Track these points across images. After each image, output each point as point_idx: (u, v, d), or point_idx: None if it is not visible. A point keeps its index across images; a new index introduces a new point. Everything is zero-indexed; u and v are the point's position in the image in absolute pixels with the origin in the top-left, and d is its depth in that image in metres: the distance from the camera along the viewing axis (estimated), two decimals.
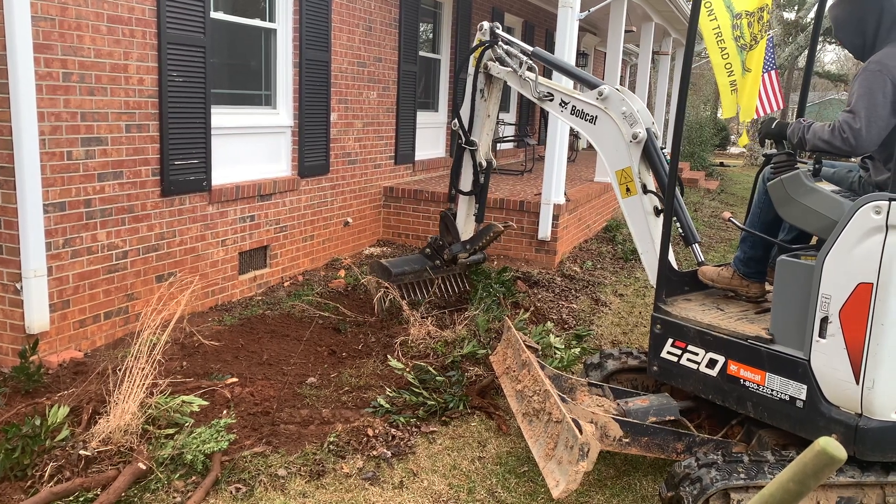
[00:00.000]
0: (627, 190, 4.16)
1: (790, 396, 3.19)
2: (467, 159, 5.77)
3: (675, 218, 4.03)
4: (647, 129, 4.10)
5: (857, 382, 2.95)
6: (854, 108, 3.20)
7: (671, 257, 4.03)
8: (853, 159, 3.62)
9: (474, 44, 5.43)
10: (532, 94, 4.85)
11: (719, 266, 3.98)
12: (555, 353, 4.92)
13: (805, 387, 3.13)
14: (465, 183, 5.83)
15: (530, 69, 4.95)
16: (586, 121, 4.39)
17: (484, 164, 5.72)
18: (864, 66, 3.28)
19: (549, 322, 5.60)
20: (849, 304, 2.95)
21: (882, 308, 2.87)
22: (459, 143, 5.70)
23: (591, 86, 4.40)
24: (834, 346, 3.02)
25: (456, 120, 5.63)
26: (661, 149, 4.12)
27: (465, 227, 5.96)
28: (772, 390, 3.26)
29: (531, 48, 5.10)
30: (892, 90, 3.14)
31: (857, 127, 3.16)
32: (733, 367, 3.41)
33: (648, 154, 4.09)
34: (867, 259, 2.89)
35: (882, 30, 3.33)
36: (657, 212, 4.12)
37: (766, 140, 3.67)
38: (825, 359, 3.05)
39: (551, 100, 4.69)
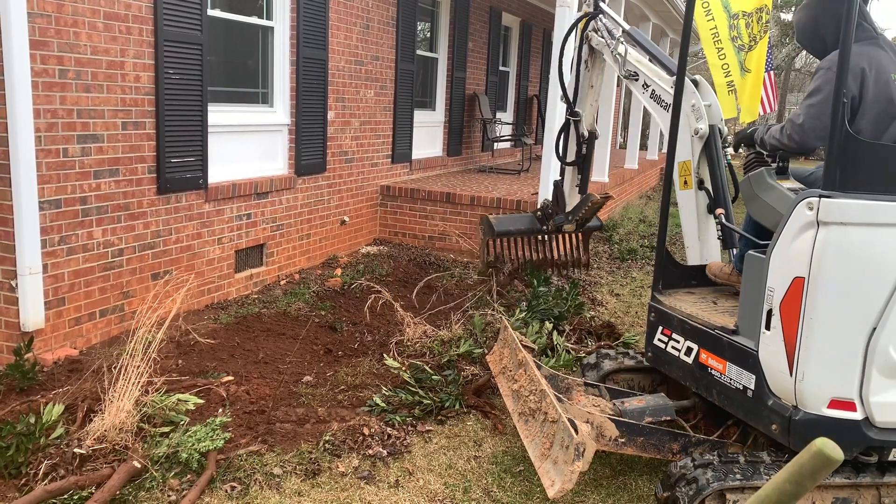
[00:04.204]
0: (685, 183, 4.18)
1: (743, 386, 3.26)
2: (571, 130, 5.80)
3: (717, 221, 4.04)
4: (712, 126, 4.07)
5: (791, 374, 3.00)
6: (801, 105, 3.32)
7: (717, 254, 4.08)
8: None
9: (580, 14, 5.49)
10: (620, 71, 4.83)
11: (724, 263, 4.04)
12: (551, 353, 4.92)
13: (754, 377, 3.20)
14: (570, 153, 5.86)
15: (622, 45, 4.94)
16: (661, 107, 4.39)
17: (586, 134, 5.73)
18: (818, 66, 3.37)
19: (547, 322, 5.59)
20: (787, 298, 3.01)
21: (812, 302, 2.91)
22: (566, 115, 5.77)
23: (672, 73, 4.38)
24: (775, 338, 3.07)
25: (560, 92, 5.72)
26: (725, 147, 4.11)
27: (570, 197, 6.02)
28: (730, 379, 3.33)
29: (628, 26, 5.11)
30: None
31: (798, 123, 3.27)
32: (703, 356, 3.51)
33: (709, 151, 4.08)
34: (801, 254, 2.94)
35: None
36: (709, 210, 4.10)
37: (741, 145, 3.78)
38: (769, 350, 3.11)
39: (636, 80, 4.67)
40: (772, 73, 9.17)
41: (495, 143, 11.30)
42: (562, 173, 6.05)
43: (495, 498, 3.45)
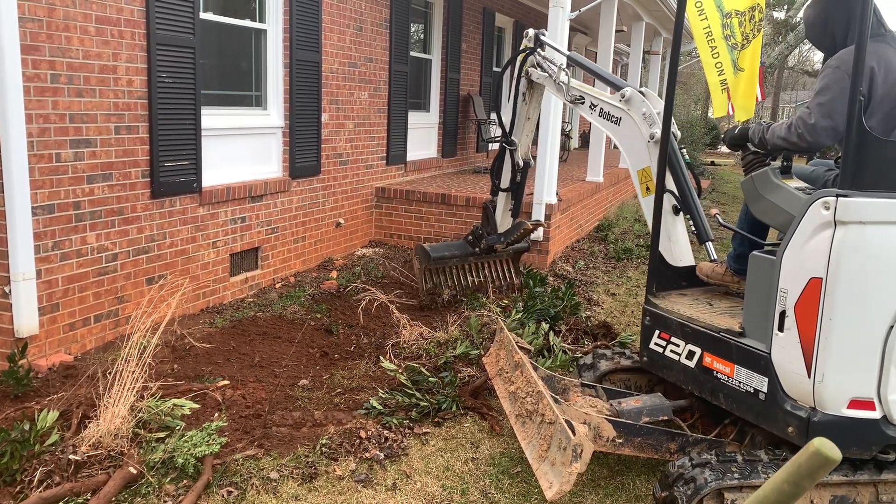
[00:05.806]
0: (647, 189, 4.24)
1: (754, 388, 3.24)
2: (507, 158, 5.98)
3: (688, 216, 4.07)
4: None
5: (809, 376, 2.99)
6: (810, 104, 3.28)
7: (689, 254, 4.09)
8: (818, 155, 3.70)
9: (521, 47, 5.62)
10: (565, 97, 4.97)
11: (715, 262, 4.03)
12: (547, 354, 4.91)
13: (766, 379, 3.18)
14: (504, 180, 6.06)
15: (564, 73, 5.08)
16: (612, 122, 4.48)
17: (521, 163, 5.92)
18: (825, 64, 3.33)
19: (543, 323, 5.58)
20: (802, 299, 3.00)
21: (830, 303, 2.90)
22: (501, 142, 6.01)
23: (617, 88, 4.49)
24: (790, 340, 3.05)
25: (496, 120, 5.90)
26: (681, 149, 4.16)
27: (503, 220, 6.22)
28: (739, 382, 3.32)
29: (568, 52, 5.28)
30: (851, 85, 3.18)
31: (810, 122, 3.22)
32: (707, 359, 3.49)
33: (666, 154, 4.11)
34: (817, 254, 2.93)
35: (852, 31, 3.37)
36: (676, 210, 4.14)
37: (735, 146, 3.77)
38: (783, 352, 3.09)
39: (582, 102, 4.80)
40: (762, 67, 9.21)
41: (490, 144, 11.30)
42: (493, 193, 6.22)
43: (493, 500, 3.44)
